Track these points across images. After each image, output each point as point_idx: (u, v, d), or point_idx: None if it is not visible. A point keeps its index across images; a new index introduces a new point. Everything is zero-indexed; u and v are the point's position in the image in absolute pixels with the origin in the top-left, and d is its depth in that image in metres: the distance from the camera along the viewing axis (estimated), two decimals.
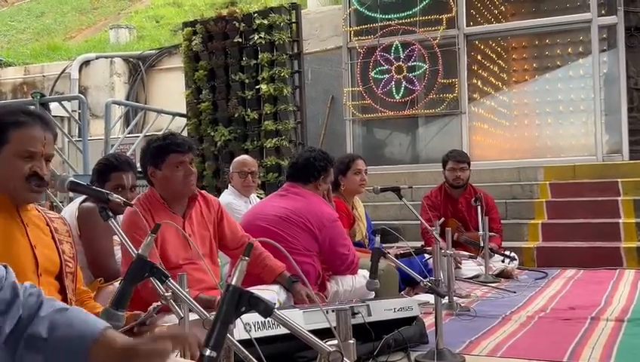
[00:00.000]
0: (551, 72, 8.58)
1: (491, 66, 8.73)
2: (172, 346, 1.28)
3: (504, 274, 5.17)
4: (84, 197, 3.02)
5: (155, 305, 2.05)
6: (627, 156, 7.27)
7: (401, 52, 8.24)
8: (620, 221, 6.06)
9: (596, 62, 7.49)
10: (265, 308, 1.39)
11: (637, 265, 5.48)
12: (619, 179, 6.58)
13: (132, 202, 2.76)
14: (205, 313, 1.81)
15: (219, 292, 2.68)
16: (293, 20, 8.27)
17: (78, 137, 8.34)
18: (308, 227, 3.45)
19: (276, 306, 2.59)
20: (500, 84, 8.78)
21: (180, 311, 1.93)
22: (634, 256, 5.56)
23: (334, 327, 1.75)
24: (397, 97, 8.26)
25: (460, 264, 5.03)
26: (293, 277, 3.17)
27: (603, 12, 7.57)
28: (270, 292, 3.04)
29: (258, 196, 5.85)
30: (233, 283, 1.40)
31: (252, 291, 1.41)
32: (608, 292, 4.45)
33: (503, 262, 5.19)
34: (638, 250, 5.59)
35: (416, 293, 4.32)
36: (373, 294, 3.39)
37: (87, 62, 12.34)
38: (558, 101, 8.31)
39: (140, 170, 3.21)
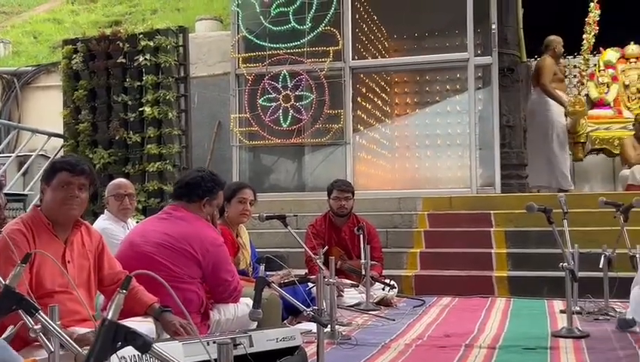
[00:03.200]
0: (430, 107, 8.98)
1: (375, 99, 9.01)
2: None
3: (384, 302, 5.30)
4: None
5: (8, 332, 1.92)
6: (499, 189, 7.69)
7: (288, 81, 8.32)
8: (492, 251, 6.37)
9: (472, 99, 7.90)
10: (143, 344, 1.33)
11: (507, 294, 5.77)
12: (491, 211, 6.92)
13: (15, 220, 2.67)
14: (78, 348, 1.71)
15: (93, 325, 2.55)
16: (181, 44, 8.16)
17: None
18: (190, 253, 3.36)
19: (154, 338, 2.50)
20: (383, 116, 9.08)
21: (50, 345, 1.81)
22: (504, 285, 5.86)
23: (215, 360, 1.71)
24: (284, 125, 8.31)
25: (343, 292, 5.10)
26: (163, 307, 3.04)
27: (479, 52, 8.02)
28: (148, 324, 2.92)
29: (137, 221, 5.67)
30: (109, 317, 1.33)
31: (129, 325, 1.35)
32: (481, 319, 4.65)
33: (383, 290, 5.31)
34: (508, 279, 5.89)
35: (299, 322, 4.33)
36: (255, 324, 3.35)
37: None
38: (437, 135, 8.68)
39: None
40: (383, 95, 9.23)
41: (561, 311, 4.82)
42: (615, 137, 8.78)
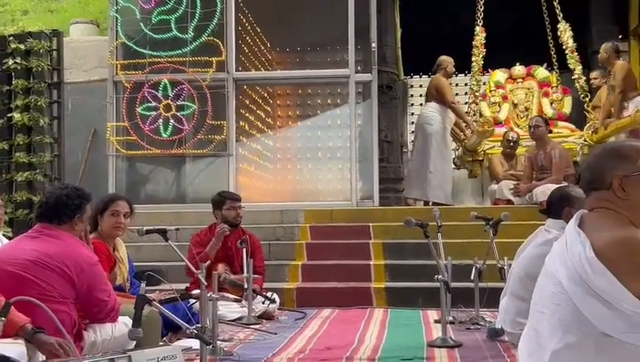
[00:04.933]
0: (312, 120, 9.10)
1: (258, 111, 9.02)
2: None
3: (266, 316, 5.28)
4: None
5: None
6: (377, 202, 7.91)
7: (169, 90, 8.15)
8: (371, 263, 6.53)
9: (352, 114, 8.09)
10: None
11: (385, 304, 5.93)
12: (370, 224, 7.11)
13: None
14: None
15: None
16: (54, 48, 7.79)
17: None
18: (65, 271, 3.18)
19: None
20: (266, 128, 9.10)
21: None
22: (382, 296, 6.02)
23: None
24: (164, 135, 8.12)
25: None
26: (36, 328, 2.87)
27: (359, 69, 8.24)
28: (18, 347, 2.73)
29: (4, 234, 5.33)
30: None
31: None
32: (360, 331, 4.75)
33: (263, 303, 5.30)
34: (386, 290, 6.06)
35: (179, 338, 4.22)
36: (134, 343, 3.22)
37: None
38: (318, 148, 8.82)
39: None
40: (266, 107, 9.26)
41: (436, 321, 5.02)
42: None
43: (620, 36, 10.75)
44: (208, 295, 3.72)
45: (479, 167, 9.10)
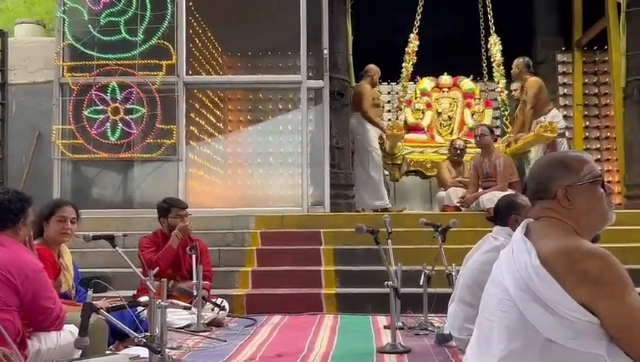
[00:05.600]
0: (263, 125, 9.10)
1: (209, 115, 8.95)
2: None
3: (215, 323, 5.23)
4: None
5: None
6: (328, 208, 7.94)
7: (118, 93, 8.01)
8: (321, 268, 6.55)
9: (304, 120, 8.11)
10: None
11: (335, 311, 5.94)
12: (321, 230, 7.12)
13: None
14: None
15: None
16: None
17: None
18: (8, 279, 3.08)
19: None
20: (217, 132, 9.04)
21: None
22: (333, 302, 6.04)
23: None
24: (112, 139, 7.98)
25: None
26: None
27: (311, 75, 8.27)
28: None
29: None
30: None
31: None
32: (311, 337, 4.75)
33: (212, 310, 5.25)
34: (336, 296, 6.08)
35: (127, 346, 4.14)
36: (80, 352, 3.15)
37: None
38: (269, 153, 8.81)
39: None
40: (217, 111, 9.20)
41: (385, 327, 5.05)
42: (428, 160, 9.47)
43: (564, 48, 11.11)
44: (157, 302, 3.66)
45: (398, 171, 9.29)
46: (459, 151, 8.64)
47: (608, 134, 10.87)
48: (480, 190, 7.67)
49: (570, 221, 1.94)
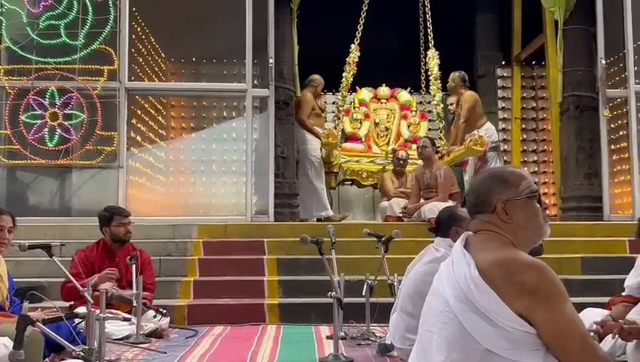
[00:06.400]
0: (207, 133, 8.99)
1: (151, 122, 8.80)
2: None
3: (156, 334, 5.14)
4: None
5: None
6: (272, 218, 7.91)
7: (57, 98, 7.81)
8: (265, 279, 6.52)
9: (249, 128, 8.08)
10: None
11: (278, 321, 5.92)
12: (265, 239, 7.09)
13: None
14: None
15: None
16: None
17: None
18: None
19: None
20: (159, 140, 8.89)
21: None
22: (276, 312, 6.01)
23: None
24: (50, 145, 7.76)
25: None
26: None
27: (256, 83, 8.25)
28: None
29: None
30: None
31: None
32: (253, 348, 4.72)
33: (155, 317, 5.16)
34: (279, 306, 6.06)
35: (63, 359, 4.03)
36: None
37: None
38: (213, 161, 8.72)
39: None
40: (159, 118, 9.06)
41: (328, 337, 5.07)
42: (364, 170, 9.61)
43: (504, 62, 11.42)
44: (96, 313, 3.58)
45: (334, 180, 9.41)
46: (402, 162, 8.76)
47: (545, 148, 11.22)
48: (421, 200, 7.78)
49: (508, 234, 1.99)
